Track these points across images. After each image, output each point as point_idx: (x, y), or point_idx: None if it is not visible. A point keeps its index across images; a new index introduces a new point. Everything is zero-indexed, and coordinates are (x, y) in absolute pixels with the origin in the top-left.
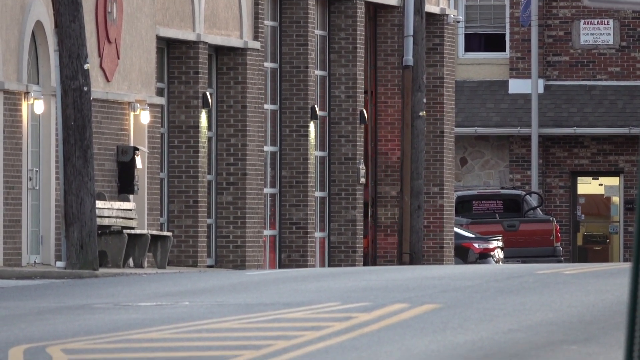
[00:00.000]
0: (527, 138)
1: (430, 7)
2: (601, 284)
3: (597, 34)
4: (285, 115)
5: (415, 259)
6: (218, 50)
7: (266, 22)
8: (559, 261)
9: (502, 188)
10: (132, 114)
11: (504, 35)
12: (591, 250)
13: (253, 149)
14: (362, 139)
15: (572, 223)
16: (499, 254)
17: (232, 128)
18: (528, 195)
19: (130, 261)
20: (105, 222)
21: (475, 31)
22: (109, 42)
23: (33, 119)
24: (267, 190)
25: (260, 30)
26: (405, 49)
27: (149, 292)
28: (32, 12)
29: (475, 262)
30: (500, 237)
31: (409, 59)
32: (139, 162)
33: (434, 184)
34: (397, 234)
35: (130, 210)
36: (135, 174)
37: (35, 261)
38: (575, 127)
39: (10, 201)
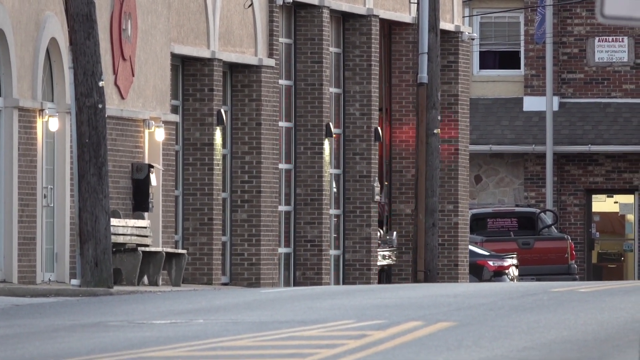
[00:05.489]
0: (541, 156)
1: (444, 25)
2: (616, 302)
3: (611, 51)
4: (300, 133)
5: (429, 277)
6: (232, 68)
7: (281, 40)
8: (574, 279)
9: (517, 206)
10: (146, 131)
11: (518, 52)
12: (606, 268)
13: (268, 167)
14: (377, 157)
15: (587, 241)
16: (513, 271)
17: (246, 145)
18: (543, 213)
19: (145, 279)
20: (120, 239)
21: (490, 48)
22: (124, 59)
23: (48, 136)
24: (282, 207)
25: (274, 47)
26: (419, 66)
27: (164, 310)
28: (46, 29)
29: (489, 280)
30: (514, 255)
31: (423, 76)
32: (153, 179)
33: (448, 202)
34: (412, 252)
35: (145, 227)
36: (150, 191)
37: (49, 279)
38: (590, 145)
39: (24, 219)
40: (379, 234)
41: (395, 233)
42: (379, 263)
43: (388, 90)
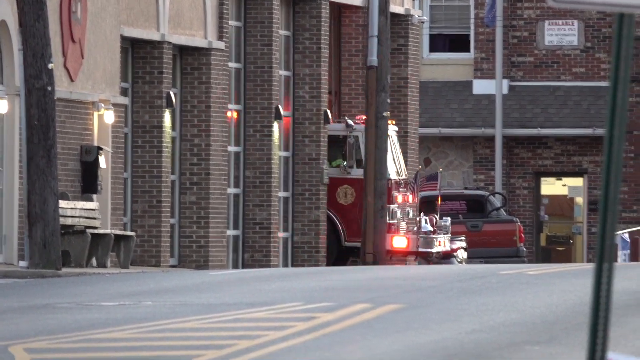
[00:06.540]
0: (491, 139)
1: (395, 8)
2: (564, 285)
3: (561, 34)
4: (249, 116)
5: (378, 260)
6: (182, 50)
7: (230, 22)
8: (523, 262)
9: (466, 188)
10: (96, 113)
11: (468, 35)
12: (554, 250)
13: (217, 149)
14: (326, 139)
15: (536, 224)
16: (462, 254)
17: (195, 128)
18: (492, 196)
19: (94, 261)
20: (69, 221)
21: (440, 32)
22: (73, 41)
23: None
24: (231, 190)
25: (224, 30)
26: (369, 50)
27: (112, 292)
28: None
29: (438, 263)
30: (463, 238)
31: (373, 59)
32: (102, 161)
33: None
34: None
35: (94, 210)
36: (99, 173)
37: None
38: (539, 128)
39: None
40: (434, 219)
41: (449, 219)
42: (434, 250)
43: (338, 73)
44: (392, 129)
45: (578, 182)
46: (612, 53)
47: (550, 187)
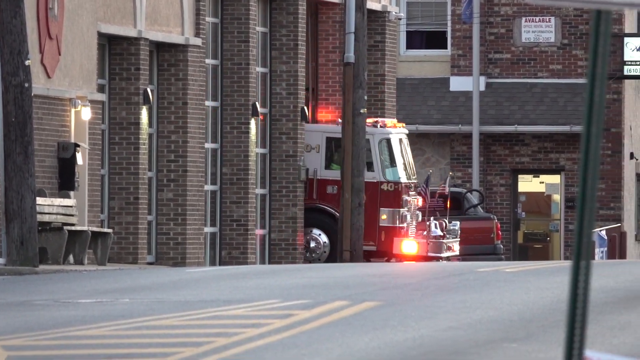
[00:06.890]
0: (468, 136)
1: (371, 4)
2: (541, 282)
3: (538, 31)
4: (226, 112)
5: (355, 257)
6: (159, 47)
7: (207, 19)
8: (500, 259)
9: None
10: (73, 110)
11: (445, 32)
12: (532, 248)
13: (194, 146)
14: (303, 136)
15: (513, 221)
16: None
17: (172, 125)
18: (469, 193)
19: (71, 258)
20: (46, 218)
21: (417, 28)
22: (50, 38)
23: None
24: (208, 187)
25: (201, 27)
26: (346, 46)
27: (89, 289)
28: None
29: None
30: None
31: (350, 55)
32: (79, 158)
33: None
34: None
35: (71, 206)
36: (76, 170)
37: None
38: (516, 125)
39: None
40: (444, 223)
41: (458, 223)
42: (443, 254)
43: (315, 70)
44: (402, 132)
45: (555, 179)
46: (589, 50)
47: (528, 184)
